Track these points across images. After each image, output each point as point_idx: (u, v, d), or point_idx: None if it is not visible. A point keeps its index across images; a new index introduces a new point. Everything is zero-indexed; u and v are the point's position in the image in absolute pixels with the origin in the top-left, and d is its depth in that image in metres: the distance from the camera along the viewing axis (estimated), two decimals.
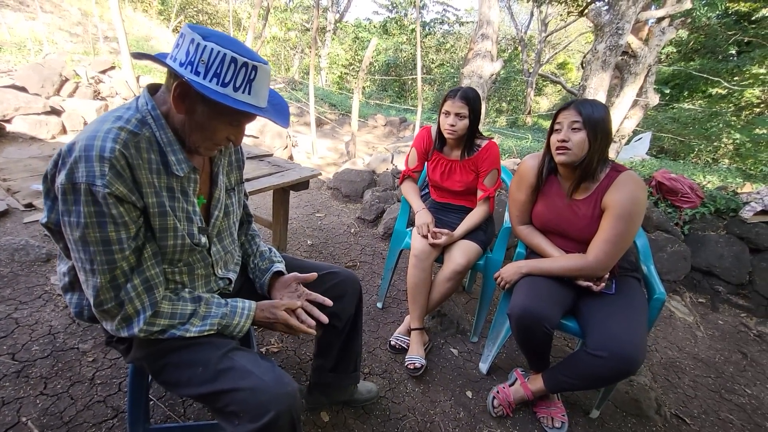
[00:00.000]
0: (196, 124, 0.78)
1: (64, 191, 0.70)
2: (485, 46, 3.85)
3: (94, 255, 0.73)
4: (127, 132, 0.73)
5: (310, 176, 1.82)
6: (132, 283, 0.78)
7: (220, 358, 0.83)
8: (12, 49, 4.77)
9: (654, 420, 1.61)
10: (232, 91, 0.73)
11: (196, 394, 0.82)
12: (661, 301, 1.40)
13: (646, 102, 3.56)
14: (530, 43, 16.83)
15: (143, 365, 0.90)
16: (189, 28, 0.72)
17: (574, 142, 1.28)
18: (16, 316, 1.61)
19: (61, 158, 0.71)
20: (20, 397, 1.28)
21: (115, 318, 0.78)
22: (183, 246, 0.84)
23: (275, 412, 0.76)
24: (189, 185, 0.86)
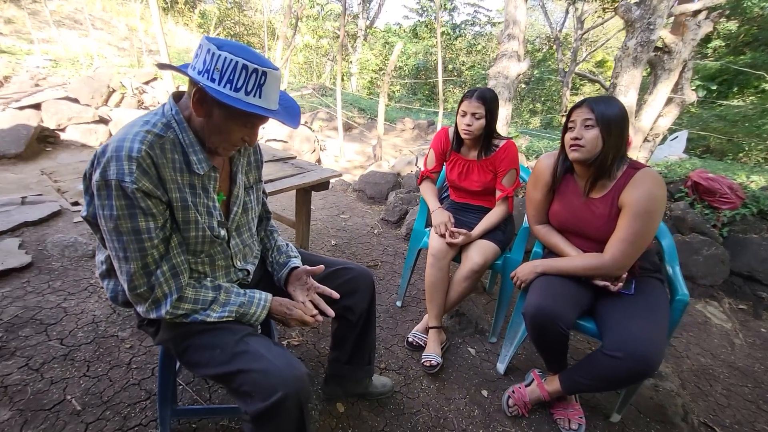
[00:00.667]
0: (214, 126, 0.86)
1: (99, 187, 0.79)
2: (512, 47, 3.80)
3: (127, 244, 0.81)
4: (153, 134, 0.82)
5: (329, 177, 1.89)
6: (161, 269, 0.86)
7: (237, 342, 0.90)
8: (66, 63, 5.21)
9: (680, 427, 1.55)
10: (243, 95, 0.79)
11: (214, 374, 0.89)
12: (684, 303, 1.35)
13: (682, 99, 3.38)
14: (566, 42, 16.34)
15: (169, 346, 0.98)
16: (206, 39, 0.80)
17: (587, 139, 1.26)
18: (64, 305, 1.77)
19: (96, 158, 0.81)
20: (66, 377, 1.41)
21: (146, 301, 0.87)
22: (204, 237, 0.92)
23: (283, 393, 0.81)
24: (209, 183, 0.93)
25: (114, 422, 1.27)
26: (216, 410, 1.32)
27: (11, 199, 2.68)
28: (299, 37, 14.60)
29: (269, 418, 0.83)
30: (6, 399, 1.29)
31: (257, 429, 0.86)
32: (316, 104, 7.14)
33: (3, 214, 2.44)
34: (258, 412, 0.83)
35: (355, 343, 1.30)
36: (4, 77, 4.39)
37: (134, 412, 1.31)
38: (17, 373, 1.40)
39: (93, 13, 8.13)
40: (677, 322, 1.36)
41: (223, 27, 14.72)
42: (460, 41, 17.01)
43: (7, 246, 2.11)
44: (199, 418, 1.31)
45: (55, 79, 4.66)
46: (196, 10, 12.90)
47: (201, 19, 13.06)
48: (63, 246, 2.17)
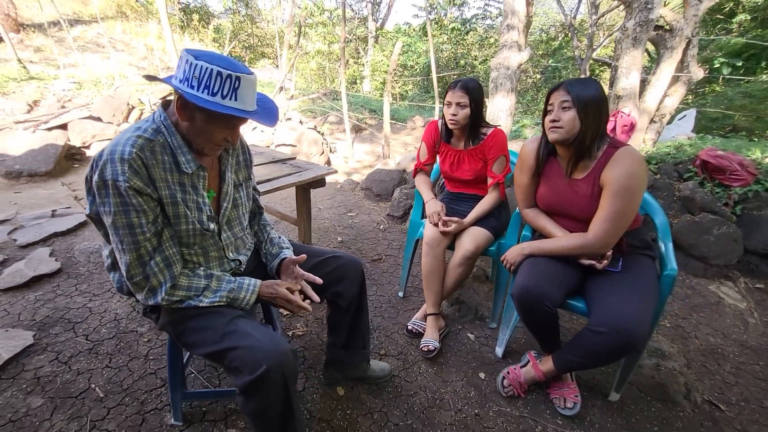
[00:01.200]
0: (197, 129, 0.95)
1: (98, 187, 0.89)
2: (511, 37, 3.79)
3: (123, 237, 0.91)
4: (143, 139, 0.92)
5: (325, 174, 1.97)
6: (155, 260, 0.96)
7: (226, 323, 0.99)
8: (90, 85, 5.54)
9: (682, 405, 1.55)
10: (220, 98, 0.88)
11: (209, 353, 0.98)
12: (672, 277, 1.35)
13: (689, 77, 3.28)
14: (581, 28, 15.93)
15: (168, 330, 1.08)
16: (185, 51, 0.89)
17: (565, 121, 1.29)
18: (90, 305, 1.93)
19: (95, 162, 0.91)
20: (91, 368, 1.54)
21: (143, 289, 0.97)
22: (194, 231, 1.02)
23: (267, 366, 0.89)
24: (198, 181, 1.03)
25: (132, 407, 1.39)
26: (223, 393, 1.42)
27: (43, 212, 2.90)
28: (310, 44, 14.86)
29: (256, 389, 0.92)
30: (39, 388, 1.44)
31: (247, 401, 0.95)
32: (327, 108, 7.28)
33: (36, 227, 2.65)
34: (246, 385, 0.91)
35: (349, 328, 1.37)
36: (34, 101, 4.73)
37: (150, 398, 1.43)
38: (48, 366, 1.54)
39: (114, 36, 8.57)
40: (666, 298, 1.37)
41: (238, 40, 15.12)
42: (471, 35, 16.83)
43: (40, 254, 2.30)
44: (208, 401, 1.41)
45: (79, 100, 4.97)
46: (210, 25, 13.32)
47: (215, 34, 13.48)
48: (89, 252, 2.35)
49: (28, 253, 2.32)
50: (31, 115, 4.49)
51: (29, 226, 2.66)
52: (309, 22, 15.38)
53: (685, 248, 2.57)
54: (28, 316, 1.81)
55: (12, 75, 5.24)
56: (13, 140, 4.05)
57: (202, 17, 13.70)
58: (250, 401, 0.94)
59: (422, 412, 1.45)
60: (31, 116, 4.44)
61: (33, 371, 1.51)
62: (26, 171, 3.88)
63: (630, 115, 2.87)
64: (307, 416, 1.39)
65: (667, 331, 2.04)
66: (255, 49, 16.54)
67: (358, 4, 18.23)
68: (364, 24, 17.08)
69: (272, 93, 6.19)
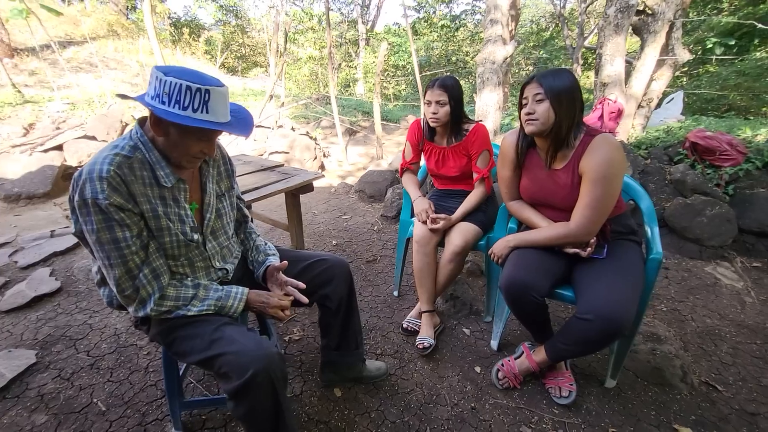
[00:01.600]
0: (172, 143, 0.97)
1: (79, 206, 0.91)
2: (495, 31, 3.81)
3: (109, 252, 0.93)
4: (120, 156, 0.94)
5: (312, 179, 2.00)
6: (143, 272, 0.98)
7: (213, 330, 1.01)
8: (83, 105, 5.59)
9: (678, 388, 1.55)
10: (191, 112, 0.90)
11: (198, 360, 1.01)
12: (657, 261, 1.36)
13: (675, 60, 3.28)
14: (571, 17, 15.90)
15: (159, 340, 1.10)
16: (155, 68, 0.91)
17: (540, 113, 1.31)
18: (90, 322, 1.95)
19: (75, 182, 0.93)
20: (93, 383, 1.57)
21: (134, 301, 0.99)
22: (178, 242, 1.04)
23: (254, 371, 0.92)
24: (179, 194, 1.05)
25: (134, 419, 1.41)
26: (220, 400, 1.43)
27: (42, 233, 2.94)
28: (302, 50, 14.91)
29: (245, 394, 0.94)
30: (42, 406, 1.46)
31: (237, 405, 0.97)
32: (320, 113, 7.31)
33: (35, 247, 2.69)
34: (234, 390, 0.93)
35: (341, 329, 1.39)
36: (30, 124, 4.78)
37: (151, 409, 1.45)
38: (51, 383, 1.57)
39: (106, 55, 8.64)
40: (653, 281, 1.37)
41: (229, 51, 15.21)
42: (461, 32, 16.85)
43: (40, 275, 2.33)
44: (207, 409, 1.44)
45: (73, 120, 5.01)
46: (201, 38, 13.41)
47: (207, 46, 13.58)
48: (87, 270, 2.38)
49: (29, 274, 2.36)
50: (27, 138, 4.55)
51: (29, 248, 2.70)
52: (299, 28, 15.45)
53: (678, 231, 2.57)
54: (31, 336, 1.84)
55: (7, 99, 5.30)
56: (11, 164, 4.10)
57: (193, 30, 13.79)
58: (240, 406, 0.96)
59: (419, 408, 1.47)
60: (27, 139, 4.49)
61: (36, 389, 1.53)
62: (25, 193, 3.93)
63: (617, 101, 2.88)
64: (305, 419, 1.41)
65: (663, 315, 2.04)
66: (247, 58, 16.62)
67: (347, 8, 18.30)
68: (354, 27, 17.12)
69: (262, 101, 6.23)
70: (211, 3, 15.20)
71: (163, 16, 12.04)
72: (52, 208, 3.80)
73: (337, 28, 16.83)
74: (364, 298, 2.16)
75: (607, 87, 3.03)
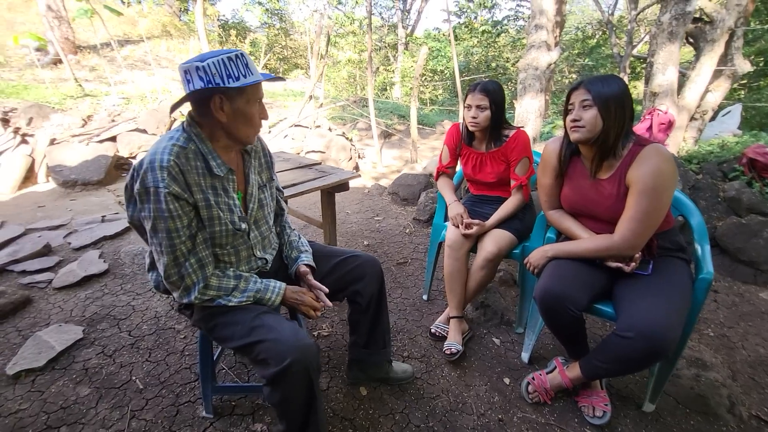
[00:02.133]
0: (241, 117, 1.03)
1: (140, 194, 0.97)
2: (540, 37, 3.72)
3: (161, 240, 0.99)
4: (177, 147, 0.99)
5: (348, 178, 2.02)
6: (189, 261, 1.03)
7: (253, 318, 1.05)
8: (136, 100, 5.95)
9: (725, 419, 1.45)
10: (244, 79, 0.97)
11: (238, 346, 1.05)
12: (708, 281, 1.28)
13: (733, 71, 3.06)
14: (620, 24, 15.29)
15: (201, 326, 1.15)
16: (185, 64, 0.96)
17: (586, 120, 1.26)
18: (133, 303, 2.07)
19: (135, 171, 0.99)
20: (132, 362, 1.66)
21: (179, 288, 1.04)
22: (227, 231, 1.09)
23: (291, 359, 0.95)
24: (228, 184, 1.10)
25: (168, 399, 1.47)
26: (250, 388, 1.48)
27: (94, 218, 3.14)
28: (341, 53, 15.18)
29: (281, 380, 0.97)
30: (86, 379, 1.56)
31: (272, 391, 1.00)
32: (356, 115, 7.40)
33: (87, 231, 2.88)
34: (272, 376, 0.97)
35: (370, 327, 1.40)
36: (88, 116, 5.14)
37: (185, 391, 1.52)
38: (95, 358, 1.67)
39: (159, 54, 9.16)
40: (701, 303, 1.29)
41: (272, 52, 15.70)
42: (503, 37, 16.56)
43: (90, 256, 2.49)
44: (237, 396, 1.48)
45: (127, 114, 5.35)
46: (247, 39, 13.93)
47: (251, 47, 14.09)
48: (133, 254, 2.52)
49: (81, 255, 2.52)
50: (85, 129, 4.89)
51: (82, 231, 2.90)
52: (340, 32, 15.74)
53: (731, 253, 2.41)
54: (79, 313, 1.97)
55: (70, 93, 5.72)
56: (70, 152, 4.42)
57: (239, 32, 14.34)
58: (275, 392, 1.00)
59: (444, 415, 1.45)
60: (85, 130, 4.82)
61: (82, 363, 1.64)
62: (80, 180, 4.22)
63: (667, 112, 2.73)
64: (330, 414, 1.42)
65: (710, 341, 1.91)
66: (288, 60, 17.10)
67: (387, 12, 18.47)
68: (394, 31, 17.24)
69: (302, 101, 6.39)
70: (258, 6, 15.77)
71: (213, 19, 12.63)
72: (104, 194, 4.06)
73: (377, 32, 17.01)
74: (393, 300, 2.16)
75: (658, 97, 2.88)
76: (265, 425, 1.36)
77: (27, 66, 6.76)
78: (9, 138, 4.34)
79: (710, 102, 3.21)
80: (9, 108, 4.75)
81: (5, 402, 1.43)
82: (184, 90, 1.00)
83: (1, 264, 2.33)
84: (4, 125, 4.44)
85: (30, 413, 1.39)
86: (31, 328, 1.85)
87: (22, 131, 4.54)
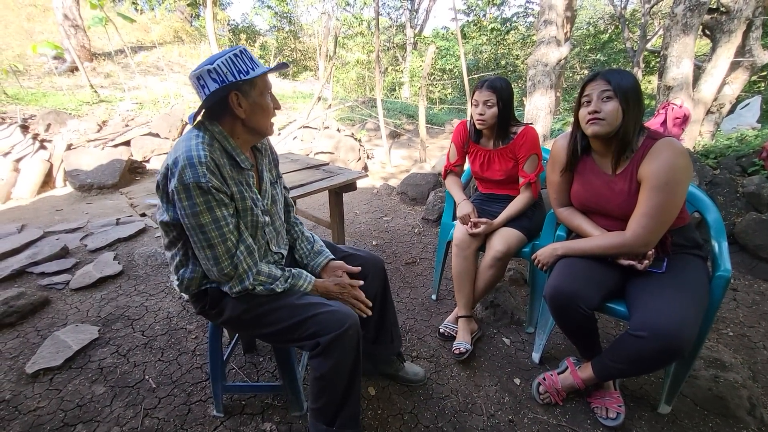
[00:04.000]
0: (259, 109, 1.06)
1: (179, 191, 0.97)
2: (549, 33, 3.67)
3: (209, 232, 1.00)
4: (207, 144, 1.01)
5: (355, 178, 2.02)
6: (239, 249, 1.06)
7: (298, 298, 1.13)
8: (149, 105, 6.07)
9: (745, 422, 1.40)
10: (253, 72, 1.01)
11: (286, 327, 1.09)
12: (725, 279, 1.24)
13: (752, 62, 2.96)
14: (633, 18, 14.97)
15: (240, 319, 1.14)
16: (195, 71, 0.99)
17: (607, 112, 1.22)
18: (146, 304, 2.10)
19: (170, 170, 0.99)
20: (146, 361, 1.69)
21: (232, 278, 1.07)
22: (256, 222, 1.12)
23: (349, 324, 1.06)
24: (250, 178, 1.13)
25: (180, 398, 1.50)
26: (260, 387, 1.49)
27: (109, 220, 3.22)
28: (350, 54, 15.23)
29: (338, 345, 1.05)
30: (101, 378, 1.59)
31: (324, 360, 1.06)
32: (365, 116, 7.41)
33: (102, 233, 2.94)
34: (329, 341, 1.04)
35: (377, 322, 1.41)
36: (103, 122, 5.26)
37: (196, 390, 1.54)
38: (110, 357, 1.71)
39: (171, 60, 9.33)
40: (719, 301, 1.25)
41: (282, 55, 15.83)
42: (512, 35, 16.38)
43: (105, 258, 2.55)
44: (247, 395, 1.49)
45: (140, 119, 5.46)
46: (256, 43, 14.08)
47: (261, 51, 14.24)
48: (147, 256, 2.57)
49: (96, 257, 2.58)
50: (100, 134, 5.01)
51: (98, 233, 2.96)
52: (348, 33, 15.80)
53: (751, 250, 2.33)
54: (95, 313, 2.01)
55: (85, 99, 5.87)
56: (86, 157, 4.53)
57: (249, 36, 14.51)
58: (328, 359, 1.06)
59: (453, 415, 1.44)
60: (100, 135, 4.94)
61: (97, 362, 1.67)
62: (96, 184, 4.32)
63: (682, 106, 2.66)
64: None
65: (729, 341, 1.86)
66: (298, 62, 17.23)
67: (396, 12, 18.46)
68: (402, 31, 17.22)
69: (310, 103, 6.43)
70: (267, 10, 15.93)
71: (223, 23, 12.80)
72: (119, 197, 4.15)
73: (385, 33, 17.01)
74: (401, 300, 2.15)
75: (672, 90, 2.80)
76: (274, 425, 1.37)
77: (45, 74, 6.96)
78: (28, 144, 4.47)
79: (727, 95, 3.11)
80: (28, 115, 4.90)
81: (24, 400, 1.47)
82: (199, 96, 1.02)
83: (21, 266, 2.39)
84: (23, 132, 4.58)
85: (48, 411, 1.42)
86: (49, 328, 1.90)
87: (40, 137, 4.68)
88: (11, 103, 5.16)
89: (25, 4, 8.87)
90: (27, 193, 4.22)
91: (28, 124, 4.74)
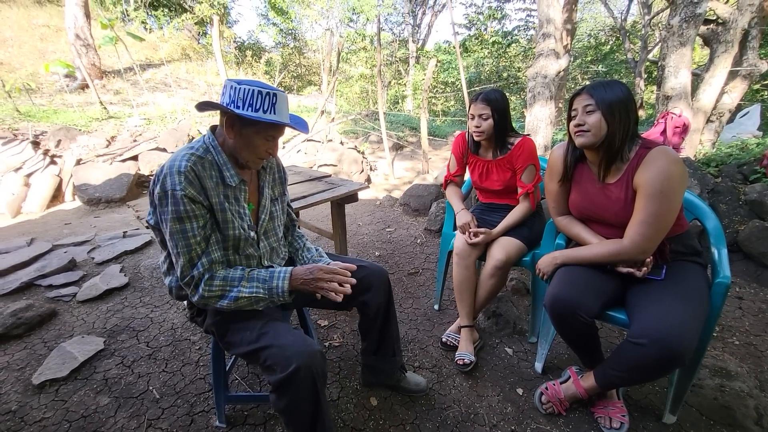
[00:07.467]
0: (244, 143, 1.08)
1: (159, 197, 1.02)
2: (548, 45, 3.73)
3: (178, 241, 1.03)
4: (195, 156, 1.05)
5: (357, 189, 2.05)
6: (201, 261, 1.06)
7: (263, 325, 1.09)
8: (157, 120, 6.20)
9: (752, 431, 1.38)
10: (262, 113, 1.02)
11: (246, 351, 1.07)
12: (725, 286, 1.24)
13: (749, 71, 2.98)
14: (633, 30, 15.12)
15: (212, 330, 1.17)
16: (229, 80, 1.03)
17: (590, 124, 1.26)
18: (151, 315, 2.13)
19: (157, 176, 1.05)
20: (150, 372, 1.70)
21: (190, 286, 1.08)
22: (240, 235, 1.13)
23: (297, 365, 0.96)
24: (240, 194, 1.15)
25: (183, 408, 1.50)
26: (262, 397, 1.49)
27: (116, 234, 3.26)
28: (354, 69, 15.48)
29: (288, 386, 0.98)
30: (106, 389, 1.61)
31: (279, 398, 1.01)
32: (368, 129, 7.50)
33: (110, 246, 2.99)
34: (278, 381, 0.98)
35: (379, 335, 1.41)
36: (112, 137, 5.38)
37: (199, 401, 1.54)
38: (115, 368, 1.72)
39: (179, 76, 9.55)
40: (719, 308, 1.25)
41: (287, 71, 16.12)
42: (513, 48, 16.59)
43: (112, 270, 2.58)
44: (249, 406, 1.50)
45: (148, 134, 5.58)
46: (262, 59, 14.37)
47: (267, 67, 14.51)
48: (152, 268, 2.60)
49: (103, 270, 2.62)
50: (109, 149, 5.11)
51: (104, 246, 3.01)
52: (352, 48, 16.08)
53: (755, 258, 2.32)
54: (101, 325, 2.04)
55: (95, 115, 6.00)
56: (95, 172, 4.62)
57: (255, 53, 14.80)
58: (282, 398, 1.01)
59: (455, 426, 1.43)
60: (109, 150, 5.04)
61: (102, 373, 1.69)
62: (104, 198, 4.40)
63: (681, 115, 2.68)
64: (340, 424, 1.43)
65: (735, 350, 1.84)
66: (303, 78, 17.52)
67: (398, 28, 18.79)
68: (405, 46, 17.50)
69: (314, 116, 6.53)
70: (272, 27, 16.29)
71: (230, 41, 13.10)
72: (126, 211, 4.21)
73: (388, 48, 17.29)
74: (404, 310, 2.16)
75: (671, 100, 2.83)
76: None
77: (57, 92, 7.14)
78: (39, 159, 4.57)
79: (727, 104, 3.13)
80: (40, 131, 5.02)
81: (30, 411, 1.49)
82: (220, 99, 1.08)
83: (29, 279, 2.44)
84: (34, 148, 4.68)
85: (53, 422, 1.44)
86: (56, 340, 1.92)
87: (51, 153, 4.78)
88: (23, 120, 5.30)
89: (38, 25, 9.16)
90: (37, 207, 4.30)
91: (39, 140, 4.86)
